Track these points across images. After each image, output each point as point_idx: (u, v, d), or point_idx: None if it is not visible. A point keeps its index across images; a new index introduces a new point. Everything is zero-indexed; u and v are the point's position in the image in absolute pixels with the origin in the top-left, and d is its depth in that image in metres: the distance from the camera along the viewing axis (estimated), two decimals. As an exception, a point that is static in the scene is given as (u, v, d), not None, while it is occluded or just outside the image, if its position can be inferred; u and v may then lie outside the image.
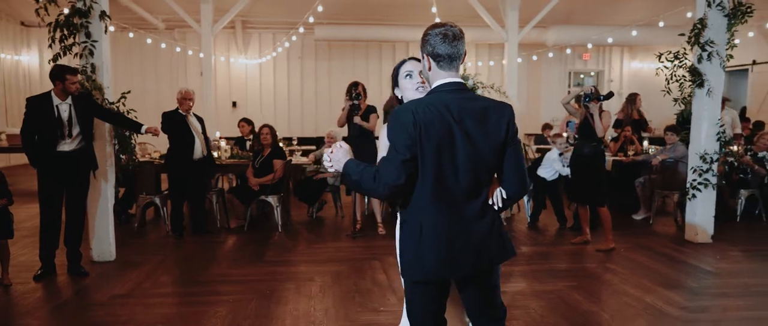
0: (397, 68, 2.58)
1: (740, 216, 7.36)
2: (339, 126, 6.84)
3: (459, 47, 2.21)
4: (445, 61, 2.21)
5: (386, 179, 2.11)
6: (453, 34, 2.19)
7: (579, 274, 5.15)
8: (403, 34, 14.05)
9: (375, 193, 2.17)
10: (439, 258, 2.19)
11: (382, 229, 6.76)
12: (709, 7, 5.97)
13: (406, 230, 2.25)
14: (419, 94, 2.45)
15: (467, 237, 2.20)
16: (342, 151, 2.31)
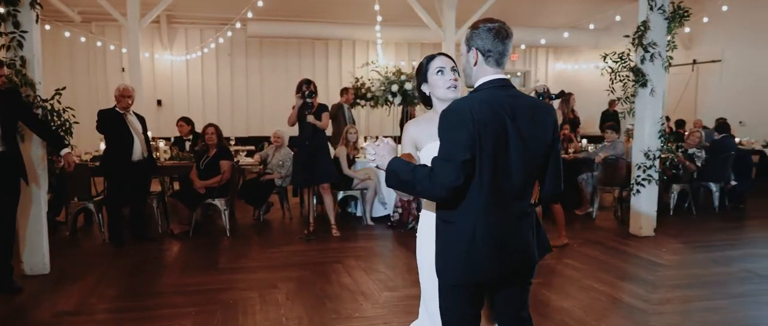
0: (426, 64, 2.49)
1: (673, 210, 7.77)
2: (290, 125, 6.59)
3: (508, 46, 2.18)
4: (494, 57, 2.17)
5: (444, 180, 2.00)
6: (505, 32, 2.16)
7: (542, 271, 5.21)
8: (338, 32, 13.87)
9: (430, 195, 2.07)
10: (493, 260, 2.14)
11: (336, 231, 6.58)
12: (651, 10, 6.24)
13: (454, 232, 2.15)
14: (452, 92, 2.39)
15: (517, 237, 2.16)
16: (388, 147, 2.21)
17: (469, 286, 2.20)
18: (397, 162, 2.14)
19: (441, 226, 2.18)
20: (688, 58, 12.54)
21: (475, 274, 2.16)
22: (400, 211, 6.88)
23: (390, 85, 7.55)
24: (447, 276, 2.20)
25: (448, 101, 2.38)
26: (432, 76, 2.43)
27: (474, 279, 2.18)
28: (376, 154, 2.20)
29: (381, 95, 7.63)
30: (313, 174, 6.37)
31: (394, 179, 2.12)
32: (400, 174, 2.10)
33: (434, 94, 2.44)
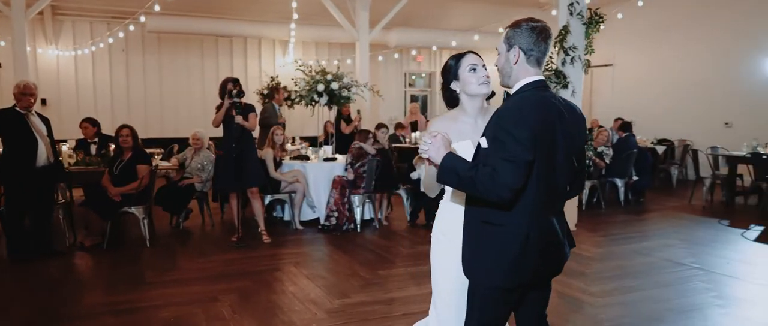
0: (457, 61, 2.48)
1: (585, 205, 8.24)
2: (214, 126, 6.20)
3: (550, 46, 2.20)
4: (536, 56, 2.17)
5: (508, 181, 1.94)
6: (548, 32, 2.17)
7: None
8: (244, 30, 13.36)
9: (491, 195, 1.99)
10: (542, 261, 2.15)
11: (266, 237, 6.29)
12: (571, 15, 6.56)
13: (503, 234, 2.12)
14: (484, 89, 2.42)
15: (558, 237, 2.19)
16: (444, 141, 2.13)
17: (514, 288, 2.19)
18: (454, 158, 2.08)
19: (483, 228, 2.15)
20: (583, 62, 13.39)
21: (525, 276, 2.17)
22: (336, 214, 6.70)
23: (315, 84, 7.34)
24: (493, 280, 2.18)
25: (479, 97, 2.44)
26: (464, 73, 2.43)
27: (524, 281, 2.18)
28: (432, 146, 2.12)
29: (306, 95, 7.39)
30: (241, 177, 6.04)
31: (452, 176, 2.06)
32: (460, 171, 2.04)
33: (466, 90, 2.44)
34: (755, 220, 7.39)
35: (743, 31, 9.98)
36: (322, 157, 7.38)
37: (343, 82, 7.44)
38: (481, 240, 2.18)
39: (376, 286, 4.76)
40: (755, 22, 9.79)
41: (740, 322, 4.00)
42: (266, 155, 6.78)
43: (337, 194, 6.73)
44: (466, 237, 2.27)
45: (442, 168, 2.08)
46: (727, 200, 8.49)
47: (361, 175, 6.78)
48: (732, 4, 10.12)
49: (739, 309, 4.27)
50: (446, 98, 2.55)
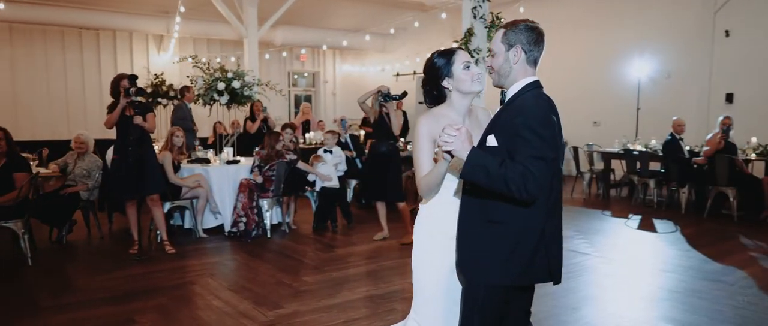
0: (450, 58, 2.41)
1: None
2: (108, 127, 5.60)
3: (543, 49, 2.22)
4: (534, 57, 2.21)
5: (540, 179, 1.96)
6: (543, 35, 2.20)
7: (408, 269, 5.28)
8: (113, 22, 12.28)
9: (521, 193, 1.96)
10: (555, 260, 2.19)
11: (170, 248, 5.80)
12: (475, 18, 6.79)
13: (514, 233, 2.13)
14: (477, 87, 2.38)
15: (562, 234, 2.26)
16: (468, 136, 2.04)
17: (518, 287, 2.21)
18: (481, 153, 2.03)
19: (491, 227, 2.14)
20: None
21: (538, 274, 2.18)
22: (244, 220, 6.34)
23: (215, 82, 6.89)
24: (504, 278, 2.16)
25: (471, 95, 2.41)
26: (460, 71, 2.37)
27: (537, 279, 2.21)
28: (457, 139, 2.01)
29: (205, 94, 6.92)
30: (141, 184, 5.52)
31: (480, 172, 2.00)
32: (490, 167, 1.98)
33: (460, 88, 2.38)
34: (632, 210, 8.16)
35: (609, 35, 10.94)
36: (224, 159, 6.95)
37: (245, 81, 7.07)
38: (489, 240, 2.16)
39: (307, 294, 4.56)
40: (619, 27, 10.79)
41: (651, 303, 4.36)
42: (164, 159, 6.24)
43: (246, 198, 6.38)
44: (466, 237, 2.24)
45: (470, 163, 2.01)
46: (603, 193, 9.28)
47: (270, 179, 6.48)
48: (600, 9, 11.07)
49: (647, 289, 4.65)
50: (431, 96, 2.48)
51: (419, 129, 2.37)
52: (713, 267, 5.27)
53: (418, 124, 2.38)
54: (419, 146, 2.37)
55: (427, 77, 2.47)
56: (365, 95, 6.34)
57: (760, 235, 6.51)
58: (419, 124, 2.38)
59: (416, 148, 2.38)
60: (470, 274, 2.23)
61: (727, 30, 9.53)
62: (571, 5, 11.39)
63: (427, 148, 2.34)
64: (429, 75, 2.46)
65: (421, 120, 2.40)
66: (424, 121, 2.38)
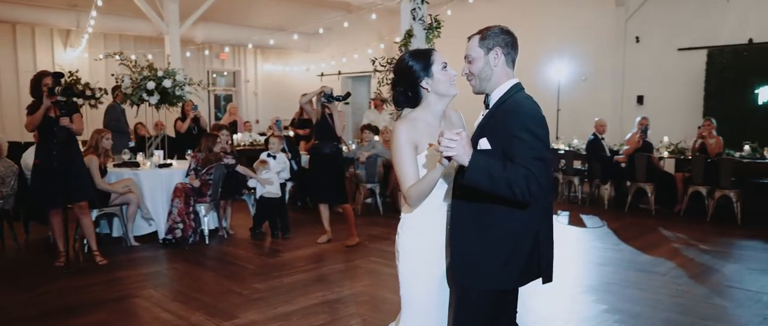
0: (429, 57, 2.32)
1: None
2: (29, 130, 5.16)
3: (518, 52, 2.26)
4: (512, 59, 2.23)
5: (541, 180, 1.95)
6: (517, 39, 2.24)
7: (360, 272, 5.24)
8: (12, 14, 11.26)
9: (524, 195, 1.95)
10: (546, 259, 2.20)
11: (101, 258, 5.43)
12: (414, 20, 6.83)
13: (510, 235, 2.13)
14: (454, 88, 2.32)
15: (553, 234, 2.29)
16: (468, 140, 1.98)
17: (513, 289, 2.22)
18: (483, 158, 1.98)
19: (485, 231, 2.13)
20: (391, 65, 14.05)
21: (530, 276, 2.20)
22: (181, 226, 6.02)
23: (144, 81, 6.50)
24: (500, 282, 2.17)
25: (448, 98, 2.35)
26: (440, 71, 2.29)
27: (529, 281, 2.21)
28: (458, 143, 1.93)
29: (133, 94, 6.50)
30: (68, 190, 5.11)
31: (483, 176, 1.95)
32: (493, 171, 1.95)
33: (438, 90, 2.30)
34: (559, 207, 8.52)
35: (531, 39, 11.32)
36: (155, 163, 6.58)
37: (176, 80, 6.72)
38: (484, 245, 2.15)
39: (261, 301, 4.40)
40: (540, 31, 11.20)
41: (595, 295, 4.57)
42: (90, 163, 5.79)
43: (182, 203, 6.06)
44: (460, 242, 2.21)
45: (473, 168, 1.95)
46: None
47: (207, 182, 6.20)
48: (522, 14, 11.48)
49: (589, 283, 4.87)
50: (406, 97, 2.35)
51: (398, 136, 2.25)
52: (644, 259, 5.61)
53: (396, 132, 2.26)
54: (402, 154, 2.24)
55: (401, 78, 2.35)
56: (308, 96, 6.22)
57: (676, 227, 7.02)
58: (397, 131, 2.26)
59: (398, 157, 2.25)
60: (465, 280, 2.20)
61: (637, 36, 10.20)
62: (494, 9, 11.73)
63: (410, 156, 2.24)
64: (404, 75, 2.33)
65: (398, 127, 2.28)
66: (402, 128, 2.26)
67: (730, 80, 8.89)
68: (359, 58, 13.72)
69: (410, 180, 2.22)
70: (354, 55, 13.42)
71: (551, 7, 11.10)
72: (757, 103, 8.59)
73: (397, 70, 2.39)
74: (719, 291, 4.64)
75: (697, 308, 4.26)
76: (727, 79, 8.92)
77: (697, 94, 9.23)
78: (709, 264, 5.42)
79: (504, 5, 11.53)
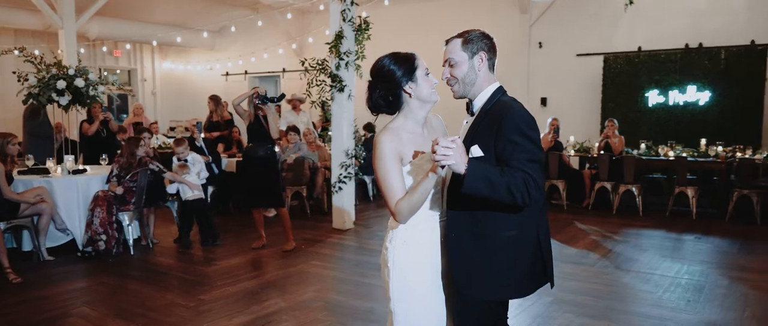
0: (414, 61, 2.23)
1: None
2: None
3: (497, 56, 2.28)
4: (493, 62, 2.24)
5: (539, 182, 1.95)
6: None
7: (306, 277, 5.15)
8: None
9: (525, 199, 1.93)
10: (549, 262, 2.21)
11: (14, 276, 4.90)
12: (344, 21, 6.80)
13: (512, 244, 2.11)
14: (436, 95, 2.24)
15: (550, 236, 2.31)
16: (463, 148, 1.93)
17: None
18: (480, 164, 1.94)
19: (486, 242, 2.10)
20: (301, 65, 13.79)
21: (536, 282, 2.20)
22: (104, 237, 5.56)
23: (53, 80, 5.92)
24: (505, 293, 2.17)
25: (430, 105, 2.26)
26: (424, 76, 2.21)
27: (535, 288, 2.20)
28: (455, 151, 1.87)
29: (42, 94, 5.90)
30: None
31: (482, 183, 1.91)
32: (492, 177, 1.91)
33: (420, 95, 2.21)
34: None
35: (439, 42, 11.70)
36: (67, 169, 6.03)
37: (89, 79, 6.20)
38: (486, 254, 2.11)
39: (212, 313, 4.20)
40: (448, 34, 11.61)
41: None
42: (-5, 171, 5.22)
43: (104, 213, 5.62)
44: (461, 255, 2.15)
45: (471, 175, 1.90)
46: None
47: (131, 189, 5.80)
48: (429, 16, 11.79)
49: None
50: (387, 101, 2.23)
51: (382, 148, 2.14)
52: (570, 252, 5.99)
53: (380, 144, 2.15)
54: (387, 168, 2.14)
55: (381, 81, 2.23)
56: (240, 97, 6.00)
57: (588, 221, 7.56)
58: (381, 143, 2.15)
59: (384, 171, 2.14)
60: (472, 291, 2.16)
61: (540, 42, 10.86)
62: (404, 11, 11.96)
63: (396, 168, 2.15)
64: (385, 79, 2.21)
65: (382, 139, 2.16)
66: (386, 139, 2.16)
67: (623, 84, 9.73)
68: (268, 58, 13.42)
69: (398, 193, 2.13)
70: (264, 54, 13.09)
71: (461, 12, 11.51)
72: (648, 105, 9.48)
73: (376, 73, 2.26)
74: (644, 278, 5.06)
75: (630, 295, 4.63)
76: (621, 82, 9.76)
77: (596, 97, 9.99)
78: (627, 254, 5.89)
79: (414, 8, 11.79)
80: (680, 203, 7.78)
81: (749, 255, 5.81)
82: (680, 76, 9.26)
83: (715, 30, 9.22)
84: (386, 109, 2.27)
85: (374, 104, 2.27)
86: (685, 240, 6.47)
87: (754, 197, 7.17)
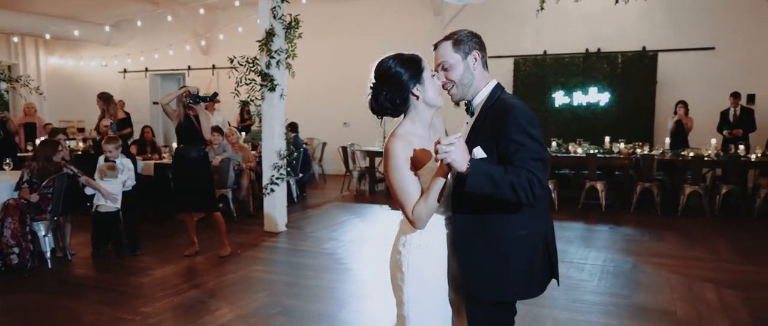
0: (420, 63, 2.18)
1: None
2: None
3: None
4: (485, 61, 2.24)
5: (544, 181, 1.95)
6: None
7: (249, 283, 4.96)
8: None
9: (529, 198, 1.92)
10: (555, 260, 2.23)
11: None
12: (275, 19, 6.62)
13: (524, 243, 2.11)
14: (440, 97, 2.22)
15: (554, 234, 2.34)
16: (464, 146, 1.93)
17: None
18: (482, 162, 1.94)
19: (499, 242, 2.11)
20: (208, 63, 13.22)
21: (545, 280, 2.23)
22: (17, 250, 5.00)
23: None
24: (522, 292, 2.18)
25: (436, 108, 2.24)
26: (428, 78, 2.18)
27: (545, 286, 2.22)
28: (456, 148, 1.89)
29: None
30: None
31: (486, 180, 1.90)
32: (495, 174, 1.91)
33: (428, 98, 2.18)
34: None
35: (359, 41, 11.63)
36: (-34, 175, 5.38)
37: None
38: (497, 256, 2.12)
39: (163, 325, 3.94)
40: (367, 34, 11.62)
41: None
42: None
43: (16, 223, 5.06)
44: (471, 257, 2.15)
45: (474, 172, 1.91)
46: (370, 188, 9.97)
47: (46, 197, 5.27)
48: (351, 15, 11.77)
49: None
50: (394, 105, 2.19)
51: (396, 156, 2.10)
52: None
53: (393, 152, 2.11)
54: (403, 175, 2.10)
55: (387, 84, 2.18)
56: (169, 96, 5.66)
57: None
58: (394, 150, 2.11)
59: (399, 178, 2.10)
60: (484, 294, 2.17)
61: (452, 44, 11.21)
62: (317, 10, 11.84)
63: (411, 175, 2.11)
64: (392, 81, 2.17)
65: (394, 146, 2.12)
66: (398, 147, 2.11)
67: (532, 85, 10.31)
68: (173, 55, 12.75)
69: (415, 200, 2.11)
70: (169, 51, 12.41)
71: (375, 13, 11.61)
72: (555, 105, 10.11)
73: (381, 75, 2.20)
74: (578, 268, 5.35)
75: (572, 285, 4.90)
76: (530, 84, 10.34)
77: (507, 97, 10.49)
78: (558, 245, 6.22)
79: (330, 9, 11.73)
80: (590, 197, 8.35)
81: (660, 242, 6.37)
82: (583, 78, 9.97)
83: (611, 36, 10.03)
84: (392, 112, 2.22)
85: (380, 107, 2.20)
86: (601, 231, 6.96)
87: (654, 189, 7.88)
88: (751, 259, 5.61)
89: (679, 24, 9.64)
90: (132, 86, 13.68)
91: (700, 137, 8.66)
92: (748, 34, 9.26)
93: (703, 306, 4.33)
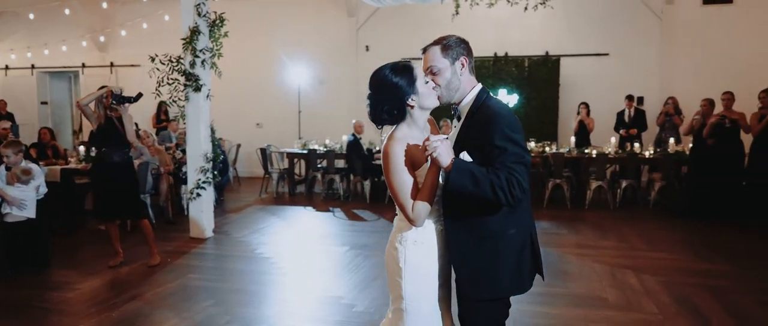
0: (412, 72, 2.23)
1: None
2: None
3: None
4: (473, 66, 2.32)
5: (524, 182, 2.06)
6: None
7: (209, 291, 4.74)
8: None
9: (508, 198, 2.03)
10: (539, 258, 2.34)
11: None
12: (200, 16, 6.34)
13: (512, 242, 2.22)
14: (435, 100, 2.28)
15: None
16: (448, 143, 2.08)
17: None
18: (465, 161, 2.08)
19: (490, 242, 2.21)
20: (106, 61, 12.34)
21: (533, 275, 2.35)
22: None
23: None
24: (517, 288, 2.28)
25: (429, 111, 2.32)
26: (424, 86, 2.24)
27: (532, 281, 2.34)
28: (441, 144, 2.04)
29: None
30: None
31: (466, 177, 2.04)
32: (476, 171, 2.04)
33: (424, 104, 2.25)
34: (329, 204, 8.88)
35: (273, 42, 11.40)
36: None
37: None
38: (489, 254, 2.21)
39: (109, 344, 3.66)
40: (281, 35, 11.40)
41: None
42: None
43: None
44: (463, 257, 2.24)
45: (456, 168, 2.04)
46: (290, 190, 9.80)
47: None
48: (265, 15, 11.47)
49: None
50: (391, 115, 2.25)
51: (396, 159, 2.19)
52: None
53: (392, 156, 2.19)
54: (402, 178, 2.19)
55: (385, 96, 2.23)
56: (89, 97, 5.26)
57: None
58: (393, 154, 2.19)
59: (398, 181, 2.19)
60: (478, 293, 2.25)
61: (367, 45, 11.32)
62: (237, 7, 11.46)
63: (409, 178, 2.20)
64: (390, 93, 2.22)
65: (394, 150, 2.20)
66: (397, 150, 2.20)
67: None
68: (66, 51, 11.79)
69: (414, 199, 2.20)
70: (61, 47, 11.45)
71: (289, 13, 11.44)
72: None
73: (379, 87, 2.25)
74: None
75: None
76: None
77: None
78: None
79: (242, 8, 11.37)
80: (505, 193, 8.74)
81: (577, 234, 6.83)
82: (493, 81, 10.43)
83: (517, 42, 10.60)
84: (390, 121, 2.28)
85: (380, 118, 2.27)
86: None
87: (564, 185, 8.44)
88: (658, 247, 6.18)
89: (577, 31, 10.38)
90: (15, 84, 12.50)
91: (600, 135, 9.41)
92: (637, 42, 10.17)
93: (630, 291, 4.72)
